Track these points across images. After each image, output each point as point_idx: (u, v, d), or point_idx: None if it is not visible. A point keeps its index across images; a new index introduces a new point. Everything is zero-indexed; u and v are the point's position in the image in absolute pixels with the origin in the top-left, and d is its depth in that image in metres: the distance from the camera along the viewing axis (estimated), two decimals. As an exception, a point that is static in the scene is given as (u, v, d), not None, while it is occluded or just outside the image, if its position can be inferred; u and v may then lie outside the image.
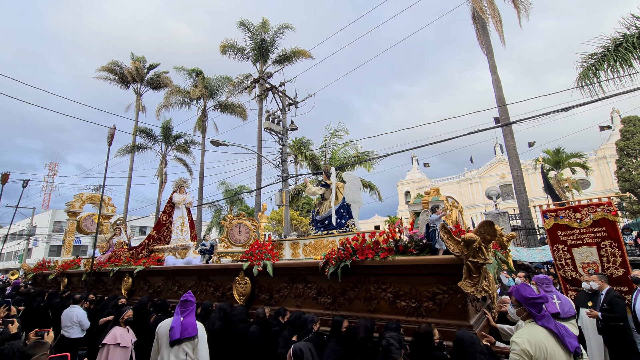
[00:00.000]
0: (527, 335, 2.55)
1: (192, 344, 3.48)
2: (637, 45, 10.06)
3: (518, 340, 2.58)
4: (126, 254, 8.18)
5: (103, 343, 3.72)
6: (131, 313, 4.04)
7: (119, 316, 4.15)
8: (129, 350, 3.87)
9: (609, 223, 6.36)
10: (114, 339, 3.75)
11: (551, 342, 2.49)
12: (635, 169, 23.04)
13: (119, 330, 3.87)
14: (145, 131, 25.91)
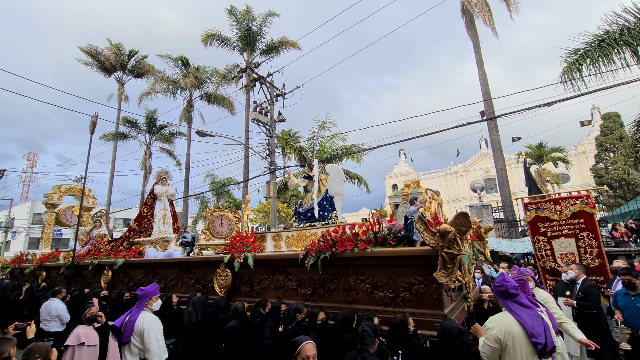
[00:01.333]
0: (499, 322, 2.68)
1: (139, 338, 3.61)
2: (618, 42, 10.28)
3: (490, 325, 2.72)
4: (106, 246, 8.01)
5: (66, 345, 3.54)
6: (95, 310, 3.92)
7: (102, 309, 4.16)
8: (97, 348, 3.76)
9: (587, 215, 6.56)
10: (77, 339, 3.58)
11: (520, 330, 2.57)
12: (612, 164, 23.79)
13: (83, 329, 3.71)
14: (129, 121, 25.22)
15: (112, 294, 6.54)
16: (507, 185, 15.63)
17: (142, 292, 3.89)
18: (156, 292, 3.95)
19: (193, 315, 4.27)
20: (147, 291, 3.89)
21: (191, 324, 4.36)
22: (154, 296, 3.90)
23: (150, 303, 3.87)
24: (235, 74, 20.90)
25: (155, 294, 3.94)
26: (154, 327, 3.67)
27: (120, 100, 26.46)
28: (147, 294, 3.86)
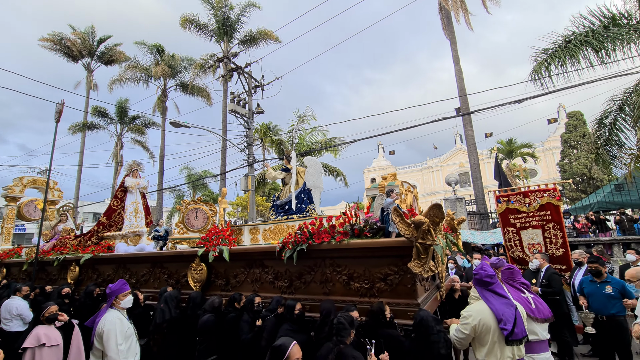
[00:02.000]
0: (475, 312, 2.81)
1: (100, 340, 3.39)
2: (583, 43, 10.80)
3: (466, 314, 2.85)
4: (73, 241, 7.61)
5: (23, 347, 3.34)
6: (54, 309, 3.72)
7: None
8: (60, 348, 3.58)
9: (554, 207, 6.92)
10: (36, 340, 3.39)
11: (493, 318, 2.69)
12: (575, 160, 25.21)
13: (42, 329, 3.52)
14: (99, 110, 23.94)
15: (79, 291, 6.26)
16: (480, 179, 16.21)
17: (109, 290, 3.66)
18: (124, 289, 3.67)
19: (166, 312, 4.15)
20: (112, 289, 3.64)
21: (164, 320, 4.24)
22: (121, 293, 3.63)
23: (117, 301, 3.60)
24: (212, 64, 20.29)
25: (123, 290, 3.66)
26: (115, 329, 3.38)
27: (88, 89, 25.05)
28: (113, 291, 3.62)
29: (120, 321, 3.46)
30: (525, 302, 3.16)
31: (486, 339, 2.68)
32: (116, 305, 3.59)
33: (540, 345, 3.16)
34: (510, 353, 2.62)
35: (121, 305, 3.59)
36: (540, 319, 3.13)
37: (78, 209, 23.53)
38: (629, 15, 10.76)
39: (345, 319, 2.86)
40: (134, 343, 3.58)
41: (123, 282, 3.73)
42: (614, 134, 10.91)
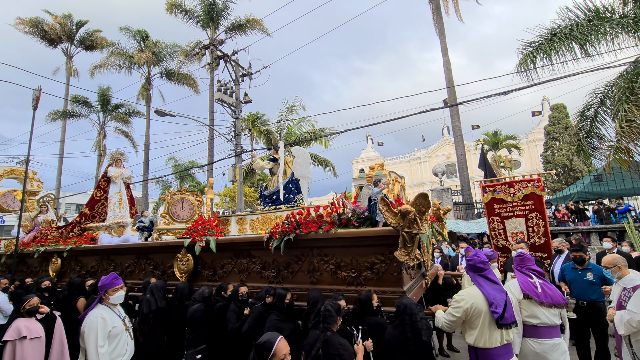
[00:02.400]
0: (467, 296, 2.87)
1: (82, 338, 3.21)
2: (568, 37, 10.97)
3: (459, 298, 2.90)
4: (54, 233, 7.41)
5: (4, 340, 3.23)
6: (36, 301, 3.61)
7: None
8: (42, 341, 3.50)
9: (537, 197, 7.11)
10: (17, 333, 3.30)
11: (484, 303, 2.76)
12: (557, 151, 25.89)
13: (23, 321, 3.41)
14: (80, 99, 23.07)
15: (62, 283, 6.13)
16: (466, 170, 16.49)
17: (100, 283, 3.42)
18: (114, 283, 3.41)
19: (152, 302, 4.11)
20: (102, 282, 3.40)
21: (151, 311, 4.20)
22: (110, 288, 3.37)
23: (107, 297, 3.35)
24: (197, 51, 19.76)
25: (113, 285, 3.40)
26: (95, 329, 3.11)
27: (68, 75, 24.09)
28: (102, 285, 3.38)
29: (103, 320, 3.17)
30: (532, 287, 3.20)
31: (476, 323, 2.75)
32: (105, 301, 3.37)
33: (547, 331, 3.13)
34: (499, 337, 2.69)
35: (110, 301, 3.36)
36: (546, 304, 3.13)
37: (59, 200, 22.88)
38: (612, 9, 10.95)
39: (332, 307, 2.88)
40: (121, 342, 3.29)
41: (114, 276, 3.48)
42: (595, 126, 11.21)
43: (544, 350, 3.07)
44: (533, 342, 3.13)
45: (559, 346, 3.11)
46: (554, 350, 3.07)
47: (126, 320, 3.47)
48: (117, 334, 3.26)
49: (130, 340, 3.39)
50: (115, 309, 3.41)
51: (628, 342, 3.28)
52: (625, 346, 3.32)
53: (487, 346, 2.68)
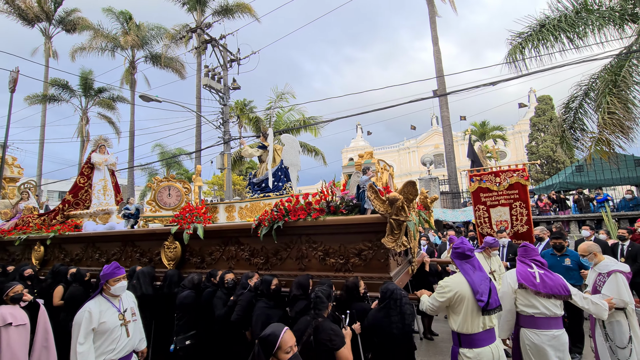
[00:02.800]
0: (452, 283, 2.93)
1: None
2: (557, 27, 11.08)
3: (444, 284, 2.97)
4: (36, 220, 7.22)
5: None
6: (19, 288, 3.54)
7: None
8: (27, 328, 3.46)
9: (521, 187, 7.28)
10: (2, 319, 3.24)
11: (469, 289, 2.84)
12: (542, 143, 26.47)
13: (7, 309, 3.35)
14: (60, 83, 22.15)
15: (45, 271, 6.02)
16: (454, 160, 16.73)
17: (102, 272, 3.19)
18: (116, 273, 3.16)
19: (138, 288, 4.08)
20: (104, 272, 3.17)
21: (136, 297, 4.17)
22: (112, 278, 3.13)
23: (107, 287, 3.13)
24: (184, 34, 19.15)
25: (115, 275, 3.15)
26: (79, 323, 2.89)
27: (47, 56, 23.06)
28: (103, 275, 3.15)
29: (89, 315, 2.92)
30: (530, 277, 3.16)
31: (459, 309, 2.82)
32: (106, 292, 3.15)
33: (546, 321, 3.07)
34: (481, 322, 2.77)
35: (112, 291, 3.13)
36: (543, 294, 3.06)
37: (41, 187, 22.23)
38: (599, 1, 11.07)
39: (323, 293, 2.93)
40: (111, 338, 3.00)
41: (116, 265, 3.24)
42: (579, 118, 11.48)
43: (542, 342, 3.02)
44: (530, 332, 3.10)
45: (559, 338, 3.04)
46: (553, 342, 3.02)
47: (127, 314, 3.19)
48: (106, 329, 2.98)
49: (125, 336, 3.10)
50: (116, 300, 3.19)
51: (601, 324, 3.46)
52: (598, 328, 3.50)
53: (469, 332, 2.78)
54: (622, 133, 9.94)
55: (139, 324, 3.40)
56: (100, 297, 3.13)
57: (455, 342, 2.92)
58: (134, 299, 3.45)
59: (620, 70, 10.05)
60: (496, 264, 5.12)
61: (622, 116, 9.71)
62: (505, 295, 3.23)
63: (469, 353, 2.77)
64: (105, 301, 3.12)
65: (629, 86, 10.04)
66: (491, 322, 2.82)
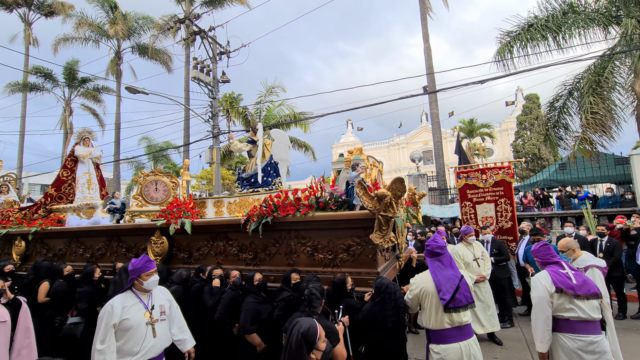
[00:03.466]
0: (419, 280, 3.02)
1: None
2: (544, 27, 11.27)
3: (412, 281, 3.06)
4: (17, 214, 7.01)
5: None
6: (0, 284, 3.47)
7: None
8: (8, 325, 3.36)
9: (506, 184, 7.45)
10: None
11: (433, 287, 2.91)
12: (528, 141, 27.04)
13: None
14: (42, 71, 21.36)
15: (27, 267, 5.87)
16: (442, 157, 16.93)
17: (131, 266, 2.96)
18: (148, 267, 2.95)
19: (119, 284, 4.02)
20: (135, 266, 2.94)
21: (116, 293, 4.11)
22: (144, 272, 2.91)
23: (140, 281, 2.91)
24: (172, 25, 18.70)
25: (147, 268, 2.93)
26: (101, 319, 2.72)
27: (27, 44, 22.20)
28: (134, 269, 2.93)
29: (111, 309, 2.72)
30: (565, 279, 2.87)
31: (425, 305, 2.93)
32: (138, 286, 2.93)
33: (584, 326, 2.78)
34: (448, 319, 2.83)
35: (145, 286, 2.92)
36: (582, 296, 2.78)
37: (22, 180, 21.56)
38: (586, 2, 11.30)
39: (317, 290, 2.94)
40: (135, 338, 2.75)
41: (147, 258, 3.04)
42: (563, 117, 11.76)
43: (579, 348, 2.74)
44: (566, 337, 2.81)
45: (599, 345, 2.74)
46: (591, 349, 2.72)
47: (155, 312, 2.93)
48: (128, 327, 2.74)
49: (152, 337, 2.83)
50: (145, 297, 2.96)
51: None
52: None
53: (436, 328, 2.85)
54: (604, 132, 10.25)
55: (178, 322, 3.16)
56: (129, 292, 2.93)
57: (427, 338, 3.02)
58: (169, 297, 3.23)
59: (604, 71, 10.32)
60: (479, 251, 5.27)
61: (604, 116, 10.00)
62: (541, 302, 2.87)
63: (435, 348, 2.85)
64: (133, 297, 2.90)
65: (611, 87, 10.33)
66: (460, 318, 2.84)
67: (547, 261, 3.08)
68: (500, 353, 4.96)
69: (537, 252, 3.21)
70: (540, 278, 2.99)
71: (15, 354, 3.50)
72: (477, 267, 5.17)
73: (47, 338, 4.43)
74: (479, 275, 5.12)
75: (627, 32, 9.72)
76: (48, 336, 4.44)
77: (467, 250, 5.25)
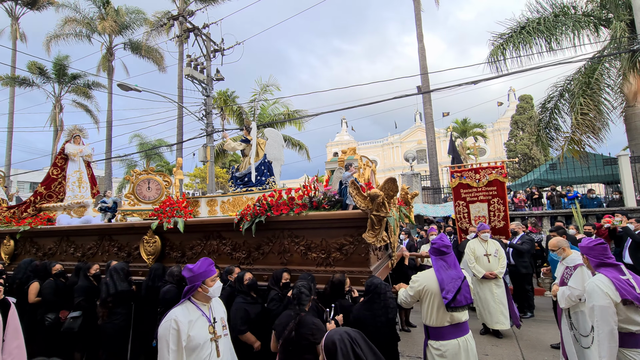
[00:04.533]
0: (422, 278, 3.04)
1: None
2: (536, 30, 11.43)
3: (415, 278, 3.09)
4: (5, 213, 6.90)
5: None
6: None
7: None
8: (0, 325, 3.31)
9: (499, 183, 7.53)
10: None
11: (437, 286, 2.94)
12: (520, 140, 27.39)
13: None
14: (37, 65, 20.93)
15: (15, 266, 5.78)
16: (436, 156, 17.06)
17: (190, 273, 2.48)
18: (212, 270, 2.54)
19: (111, 286, 3.99)
20: (196, 271, 2.47)
21: (109, 295, 4.09)
22: (209, 277, 2.49)
23: (204, 288, 2.47)
24: (165, 21, 18.50)
25: (211, 273, 2.52)
26: (165, 336, 2.25)
27: (14, 39, 21.77)
28: (197, 275, 2.46)
29: (176, 325, 2.25)
30: (628, 287, 2.50)
31: (427, 303, 2.97)
32: (202, 293, 2.48)
33: None
34: (449, 317, 2.90)
35: (209, 293, 2.48)
36: None
37: (10, 178, 21.17)
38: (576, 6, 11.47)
39: (305, 287, 2.95)
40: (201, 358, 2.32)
41: (209, 261, 2.59)
42: (554, 118, 11.95)
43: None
44: (631, 353, 2.49)
45: None
46: None
47: (217, 326, 2.49)
48: (195, 346, 2.29)
49: (216, 356, 2.40)
50: (205, 307, 2.50)
51: (567, 314, 3.67)
52: (564, 317, 3.70)
53: (436, 325, 2.91)
54: (593, 133, 10.43)
55: (229, 340, 2.68)
56: (188, 302, 2.45)
57: (425, 334, 3.07)
58: (224, 308, 2.80)
59: (594, 73, 10.49)
60: (493, 248, 5.42)
61: (593, 117, 10.17)
62: (604, 313, 2.49)
63: (435, 344, 2.92)
64: (194, 308, 2.43)
65: (601, 88, 10.52)
66: (460, 317, 2.93)
67: (602, 262, 2.72)
68: (491, 350, 5.04)
69: (591, 250, 2.80)
70: (600, 284, 2.58)
71: (7, 354, 3.45)
72: (487, 262, 5.41)
73: (40, 338, 4.40)
74: (489, 271, 5.27)
75: (617, 34, 9.90)
76: (40, 336, 4.40)
77: (481, 246, 5.52)
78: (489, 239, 5.58)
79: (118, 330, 4.07)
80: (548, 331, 5.55)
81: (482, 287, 5.43)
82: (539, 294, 7.24)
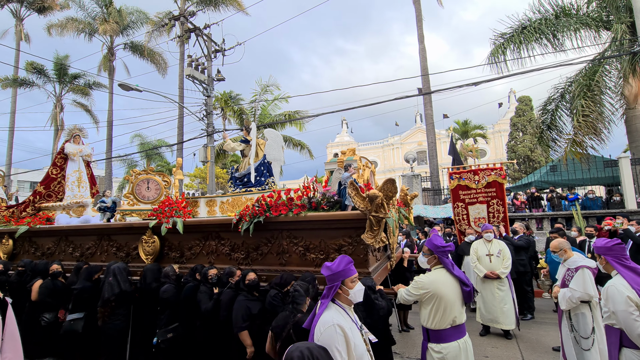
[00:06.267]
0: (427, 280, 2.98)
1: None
2: (537, 30, 11.41)
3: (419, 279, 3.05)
4: (4, 212, 6.90)
5: None
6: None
7: None
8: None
9: (499, 185, 7.52)
10: None
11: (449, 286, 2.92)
12: (520, 142, 27.35)
13: None
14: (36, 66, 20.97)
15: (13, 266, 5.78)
16: (436, 158, 17.04)
17: (329, 271, 2.23)
18: (351, 270, 2.26)
19: (115, 286, 3.99)
20: (334, 269, 2.22)
21: (114, 294, 4.09)
22: (348, 277, 2.22)
23: (345, 290, 2.21)
24: (166, 22, 18.51)
25: (351, 272, 2.24)
26: (333, 345, 1.93)
27: (18, 39, 21.80)
28: (336, 274, 2.20)
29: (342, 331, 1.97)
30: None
31: (429, 306, 2.93)
32: (339, 297, 2.22)
33: None
34: (450, 319, 2.87)
35: (350, 296, 2.21)
36: None
37: (10, 177, 21.20)
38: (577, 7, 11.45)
39: (301, 287, 2.94)
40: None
41: (348, 259, 2.31)
42: (555, 119, 11.92)
43: None
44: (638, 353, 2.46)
45: None
46: None
47: (365, 335, 2.25)
48: (360, 355, 2.02)
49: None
50: (351, 311, 2.25)
51: (568, 316, 3.64)
52: (565, 319, 3.68)
53: (438, 327, 2.89)
54: (595, 135, 10.41)
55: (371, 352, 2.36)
56: (336, 306, 2.18)
57: (425, 337, 3.03)
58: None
59: (594, 75, 10.47)
60: (496, 249, 5.43)
61: (595, 119, 10.15)
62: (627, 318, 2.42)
63: (436, 347, 2.89)
64: (344, 313, 2.15)
65: (602, 90, 10.50)
66: (461, 319, 2.92)
67: (622, 263, 2.63)
68: (491, 352, 5.01)
69: (609, 250, 2.70)
70: (620, 287, 2.49)
71: (4, 354, 3.44)
72: (488, 262, 5.44)
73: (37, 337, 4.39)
74: (490, 271, 5.32)
75: (617, 37, 9.88)
76: (37, 336, 4.40)
77: (484, 246, 5.57)
78: (494, 239, 5.57)
79: (119, 331, 4.07)
80: (548, 333, 5.52)
81: (485, 288, 5.41)
82: (537, 295, 7.21)
